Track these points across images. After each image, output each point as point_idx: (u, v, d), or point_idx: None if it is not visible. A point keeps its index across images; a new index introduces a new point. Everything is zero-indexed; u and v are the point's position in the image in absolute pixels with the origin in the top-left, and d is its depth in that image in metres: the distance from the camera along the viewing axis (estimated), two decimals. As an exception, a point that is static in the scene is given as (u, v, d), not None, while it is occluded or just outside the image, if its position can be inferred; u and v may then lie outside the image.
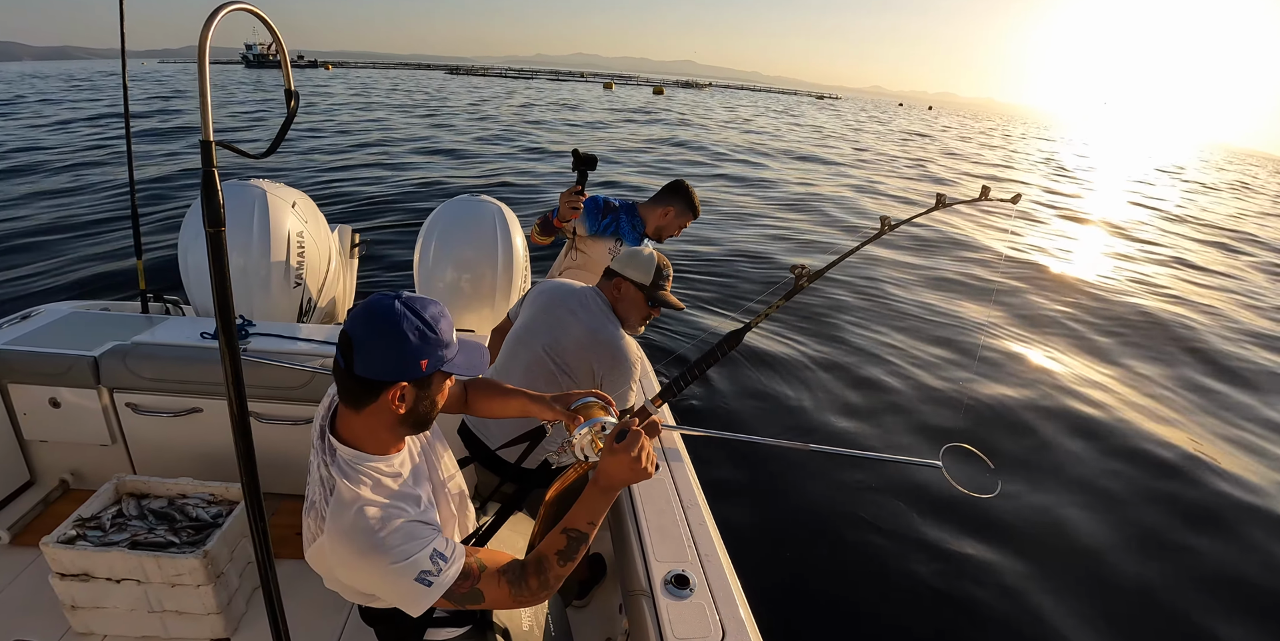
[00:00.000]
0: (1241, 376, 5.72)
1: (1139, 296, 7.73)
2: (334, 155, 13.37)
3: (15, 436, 2.22)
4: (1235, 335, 6.75)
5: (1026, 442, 4.16)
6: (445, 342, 1.03)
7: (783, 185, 13.81)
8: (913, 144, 28.96)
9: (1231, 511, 3.70)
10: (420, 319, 1.00)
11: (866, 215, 10.85)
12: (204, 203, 0.90)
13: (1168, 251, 11.09)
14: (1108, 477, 3.87)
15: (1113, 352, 5.88)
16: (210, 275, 0.95)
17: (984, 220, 11.06)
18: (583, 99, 42.90)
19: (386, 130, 18.58)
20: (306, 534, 1.06)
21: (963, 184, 17.16)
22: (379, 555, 0.96)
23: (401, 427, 1.08)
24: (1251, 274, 10.10)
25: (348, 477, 1.03)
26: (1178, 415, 4.78)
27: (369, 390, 1.00)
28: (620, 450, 1.07)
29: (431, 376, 1.04)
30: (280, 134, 1.04)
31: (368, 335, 0.98)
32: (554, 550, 1.07)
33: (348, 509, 0.99)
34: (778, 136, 25.93)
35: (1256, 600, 3.09)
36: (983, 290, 7.12)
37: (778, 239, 8.75)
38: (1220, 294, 8.54)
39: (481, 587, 1.03)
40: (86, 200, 8.79)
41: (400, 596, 1.00)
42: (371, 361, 0.98)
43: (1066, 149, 42.27)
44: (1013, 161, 26.73)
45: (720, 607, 1.38)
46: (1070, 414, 4.51)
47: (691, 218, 2.51)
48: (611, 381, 1.72)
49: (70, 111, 20.22)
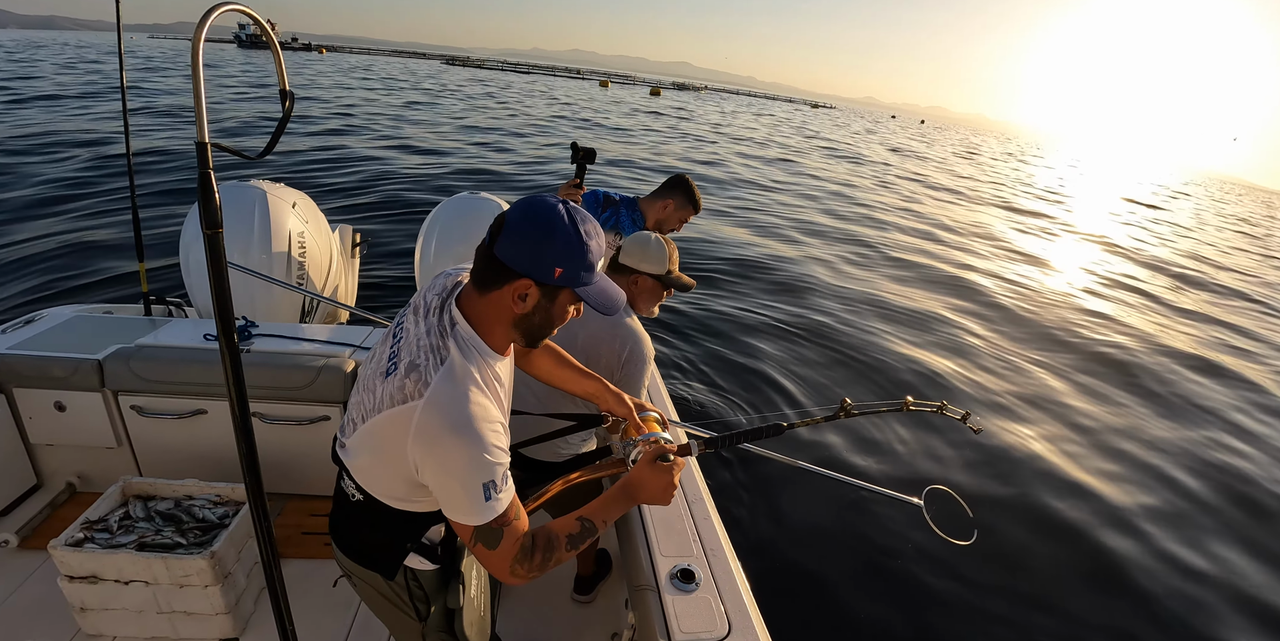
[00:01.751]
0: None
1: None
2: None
3: (21, 440, 2.23)
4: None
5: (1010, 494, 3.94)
6: (587, 263, 1.00)
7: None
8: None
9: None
10: (575, 230, 0.97)
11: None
12: (200, 205, 0.90)
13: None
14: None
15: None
16: (209, 276, 0.95)
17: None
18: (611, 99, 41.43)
19: (536, 164, 13.70)
20: (395, 395, 0.97)
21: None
22: (470, 437, 0.94)
23: (514, 331, 1.06)
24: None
25: (464, 354, 1.01)
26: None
27: (499, 275, 0.99)
28: (661, 470, 1.10)
29: (560, 289, 1.01)
30: (276, 134, 1.04)
31: (520, 221, 0.97)
32: (565, 532, 1.06)
33: (460, 382, 0.97)
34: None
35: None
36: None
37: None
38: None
39: (506, 533, 1.00)
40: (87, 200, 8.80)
41: (458, 494, 0.96)
42: (512, 247, 0.97)
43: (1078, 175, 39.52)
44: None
45: (726, 601, 1.38)
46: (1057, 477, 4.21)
47: (692, 211, 2.50)
48: (628, 374, 1.74)
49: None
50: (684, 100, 59.89)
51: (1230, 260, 15.21)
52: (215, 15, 0.86)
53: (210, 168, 0.89)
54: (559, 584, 2.22)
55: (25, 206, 7.54)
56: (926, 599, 2.96)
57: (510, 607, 2.13)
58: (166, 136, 12.42)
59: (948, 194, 18.42)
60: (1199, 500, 4.20)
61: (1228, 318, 9.27)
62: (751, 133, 30.37)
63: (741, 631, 1.32)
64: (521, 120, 22.42)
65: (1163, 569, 3.43)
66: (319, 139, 13.69)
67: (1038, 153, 67.79)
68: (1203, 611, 3.18)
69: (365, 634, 1.91)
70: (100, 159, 9.95)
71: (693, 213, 2.51)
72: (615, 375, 1.74)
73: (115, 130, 12.19)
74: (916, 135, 61.45)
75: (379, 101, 23.82)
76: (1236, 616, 3.17)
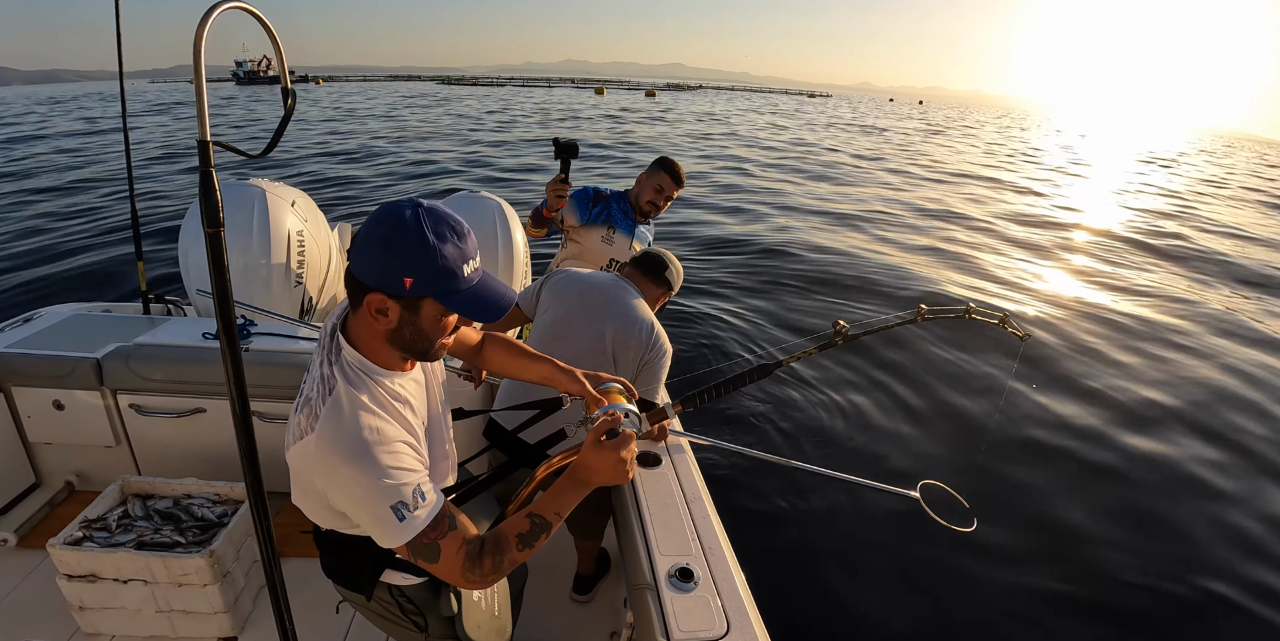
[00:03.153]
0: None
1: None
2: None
3: (20, 439, 2.22)
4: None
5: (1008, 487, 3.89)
6: (441, 269, 0.92)
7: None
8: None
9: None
10: (422, 234, 0.90)
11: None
12: (202, 203, 0.90)
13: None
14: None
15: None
16: (209, 275, 0.95)
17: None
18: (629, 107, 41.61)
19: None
20: (295, 431, 0.98)
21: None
22: (364, 466, 0.91)
23: (391, 348, 1.01)
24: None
25: (349, 381, 0.98)
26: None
27: (355, 290, 0.95)
28: (607, 447, 1.03)
29: (420, 300, 0.94)
30: (278, 132, 1.04)
31: (366, 232, 0.92)
32: (515, 532, 1.03)
33: (343, 412, 0.95)
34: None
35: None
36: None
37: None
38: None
39: (443, 546, 0.97)
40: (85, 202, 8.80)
41: (370, 520, 0.95)
42: (360, 261, 0.92)
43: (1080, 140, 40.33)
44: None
45: (725, 600, 1.38)
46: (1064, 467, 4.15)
47: (664, 177, 2.48)
48: (650, 371, 1.76)
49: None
50: (685, 98, 59.77)
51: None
52: (217, 13, 0.86)
53: (212, 166, 0.89)
54: (558, 583, 2.22)
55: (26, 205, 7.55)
56: (925, 593, 2.96)
57: None
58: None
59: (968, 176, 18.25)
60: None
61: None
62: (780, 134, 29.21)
63: (740, 630, 1.32)
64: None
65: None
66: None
67: (1025, 125, 66.84)
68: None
69: (364, 633, 1.91)
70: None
71: (667, 179, 2.48)
72: (636, 370, 1.78)
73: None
74: (916, 115, 61.50)
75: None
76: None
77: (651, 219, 2.63)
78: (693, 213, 10.21)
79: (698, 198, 11.41)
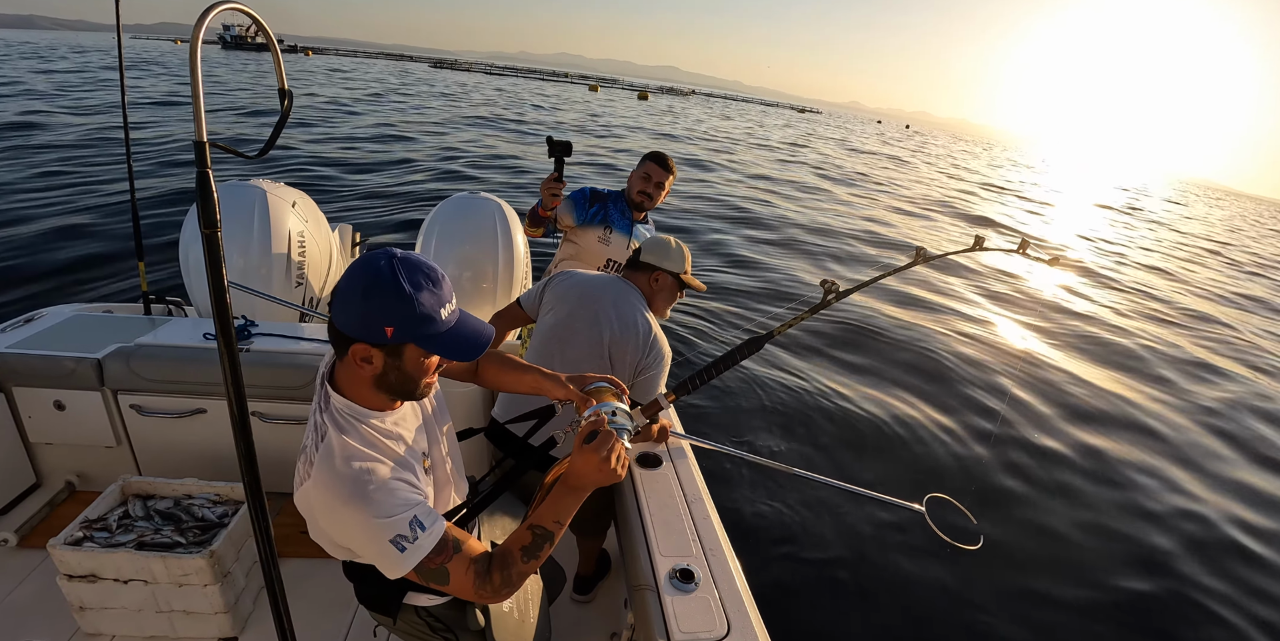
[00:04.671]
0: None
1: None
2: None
3: (20, 439, 2.23)
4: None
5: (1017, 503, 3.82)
6: (419, 316, 0.96)
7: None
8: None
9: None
10: (396, 285, 0.94)
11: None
12: (199, 204, 0.90)
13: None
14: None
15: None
16: (207, 276, 0.95)
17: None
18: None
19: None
20: (297, 478, 1.04)
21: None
22: (360, 505, 0.96)
23: (379, 392, 1.05)
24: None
25: (339, 427, 1.02)
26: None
27: (339, 342, 0.99)
28: (589, 450, 1.04)
29: (402, 346, 0.99)
30: (275, 133, 1.04)
31: (347, 286, 0.96)
32: (518, 546, 1.06)
33: (334, 457, 0.99)
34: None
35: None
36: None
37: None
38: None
39: (450, 568, 1.01)
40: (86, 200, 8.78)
41: (374, 555, 0.99)
42: (341, 314, 0.97)
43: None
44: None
45: (725, 601, 1.38)
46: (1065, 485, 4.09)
47: (651, 165, 2.47)
48: (647, 374, 1.76)
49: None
50: (682, 105, 59.30)
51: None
52: (214, 14, 0.86)
53: (208, 167, 0.89)
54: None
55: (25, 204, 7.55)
56: (923, 596, 2.96)
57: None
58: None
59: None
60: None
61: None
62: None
63: (740, 631, 1.31)
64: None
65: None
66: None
67: (1014, 158, 66.40)
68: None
69: (364, 632, 1.91)
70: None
71: (654, 167, 2.47)
72: (633, 374, 1.76)
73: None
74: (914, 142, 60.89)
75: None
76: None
77: (648, 213, 2.63)
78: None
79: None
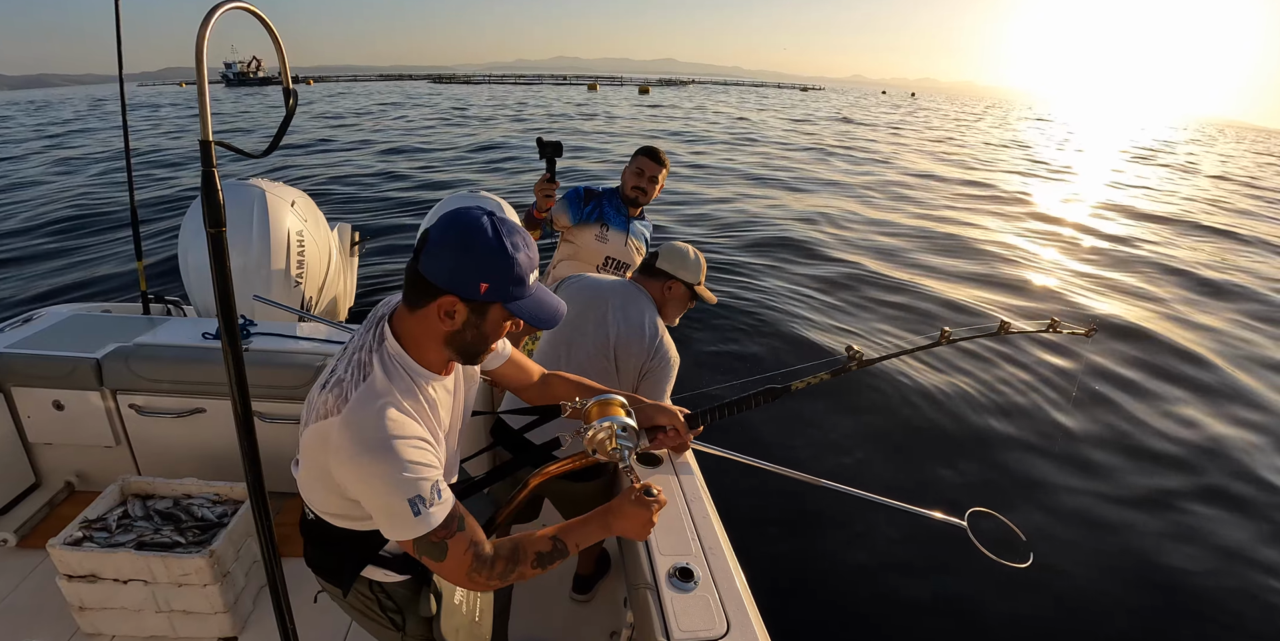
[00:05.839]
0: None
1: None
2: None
3: (20, 439, 2.22)
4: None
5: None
6: (515, 277, 0.96)
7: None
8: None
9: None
10: (499, 242, 0.94)
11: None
12: (204, 203, 0.90)
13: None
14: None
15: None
16: (211, 275, 0.95)
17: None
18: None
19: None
20: (318, 408, 0.97)
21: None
22: (387, 456, 0.92)
23: (447, 349, 1.03)
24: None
25: (386, 371, 0.99)
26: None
27: (424, 291, 0.96)
28: (644, 506, 1.10)
29: (489, 305, 0.98)
30: (279, 132, 1.04)
31: (441, 236, 0.94)
32: (535, 549, 1.05)
33: (375, 401, 0.95)
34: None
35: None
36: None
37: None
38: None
39: (450, 544, 0.98)
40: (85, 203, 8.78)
41: (384, 512, 0.95)
42: (435, 263, 0.94)
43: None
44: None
45: (725, 600, 1.38)
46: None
47: (643, 159, 2.47)
48: (652, 379, 1.76)
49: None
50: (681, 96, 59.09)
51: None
52: (219, 14, 0.86)
53: (214, 166, 0.89)
54: (558, 583, 2.22)
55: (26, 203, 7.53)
56: (925, 594, 2.96)
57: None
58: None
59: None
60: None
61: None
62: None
63: (740, 630, 1.32)
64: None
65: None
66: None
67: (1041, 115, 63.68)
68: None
69: (364, 633, 1.90)
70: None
71: (646, 161, 2.47)
72: (638, 378, 1.76)
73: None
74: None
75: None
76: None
77: (644, 209, 2.63)
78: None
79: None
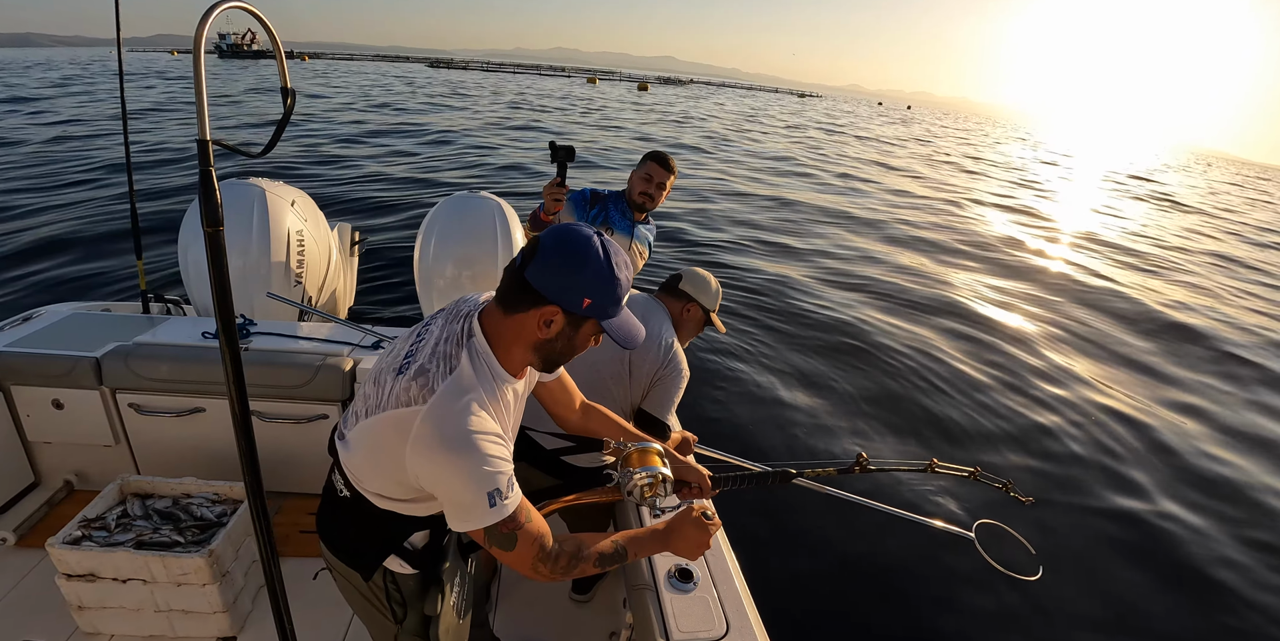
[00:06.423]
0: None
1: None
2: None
3: (19, 438, 2.22)
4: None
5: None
6: (615, 297, 1.02)
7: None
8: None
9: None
10: (608, 263, 0.99)
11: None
12: (202, 202, 0.90)
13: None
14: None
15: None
16: (209, 274, 0.95)
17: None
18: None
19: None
20: (399, 396, 0.98)
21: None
22: (469, 454, 0.95)
23: (534, 355, 1.06)
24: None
25: (474, 366, 1.01)
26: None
27: (526, 298, 0.99)
28: (703, 528, 1.18)
29: (585, 320, 1.02)
30: (277, 132, 1.04)
31: (555, 249, 0.98)
32: (599, 550, 1.10)
33: (463, 395, 0.98)
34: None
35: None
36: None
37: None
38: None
39: (520, 536, 1.01)
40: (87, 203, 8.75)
41: (459, 503, 0.98)
42: (543, 273, 0.98)
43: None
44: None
45: (724, 601, 1.38)
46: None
47: (652, 165, 2.43)
48: (662, 387, 1.78)
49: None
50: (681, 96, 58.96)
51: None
52: (218, 13, 0.86)
53: (211, 165, 0.89)
54: (557, 583, 2.22)
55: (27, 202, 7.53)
56: (922, 596, 2.95)
57: (508, 607, 2.13)
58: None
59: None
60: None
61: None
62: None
63: (739, 631, 1.32)
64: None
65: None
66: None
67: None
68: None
69: (363, 632, 1.90)
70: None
71: (655, 167, 2.43)
72: (649, 384, 1.79)
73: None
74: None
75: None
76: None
77: (650, 214, 2.62)
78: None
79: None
